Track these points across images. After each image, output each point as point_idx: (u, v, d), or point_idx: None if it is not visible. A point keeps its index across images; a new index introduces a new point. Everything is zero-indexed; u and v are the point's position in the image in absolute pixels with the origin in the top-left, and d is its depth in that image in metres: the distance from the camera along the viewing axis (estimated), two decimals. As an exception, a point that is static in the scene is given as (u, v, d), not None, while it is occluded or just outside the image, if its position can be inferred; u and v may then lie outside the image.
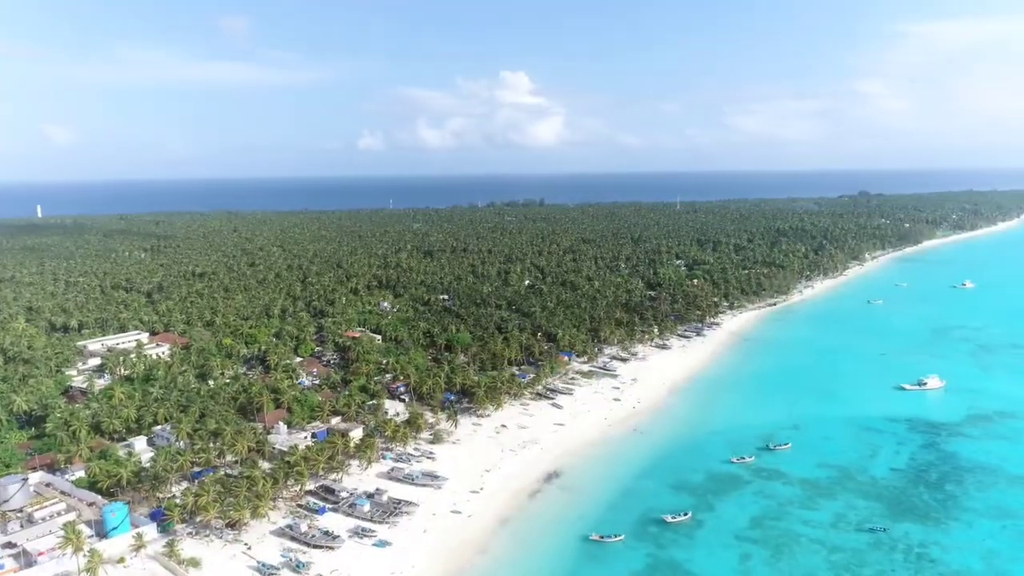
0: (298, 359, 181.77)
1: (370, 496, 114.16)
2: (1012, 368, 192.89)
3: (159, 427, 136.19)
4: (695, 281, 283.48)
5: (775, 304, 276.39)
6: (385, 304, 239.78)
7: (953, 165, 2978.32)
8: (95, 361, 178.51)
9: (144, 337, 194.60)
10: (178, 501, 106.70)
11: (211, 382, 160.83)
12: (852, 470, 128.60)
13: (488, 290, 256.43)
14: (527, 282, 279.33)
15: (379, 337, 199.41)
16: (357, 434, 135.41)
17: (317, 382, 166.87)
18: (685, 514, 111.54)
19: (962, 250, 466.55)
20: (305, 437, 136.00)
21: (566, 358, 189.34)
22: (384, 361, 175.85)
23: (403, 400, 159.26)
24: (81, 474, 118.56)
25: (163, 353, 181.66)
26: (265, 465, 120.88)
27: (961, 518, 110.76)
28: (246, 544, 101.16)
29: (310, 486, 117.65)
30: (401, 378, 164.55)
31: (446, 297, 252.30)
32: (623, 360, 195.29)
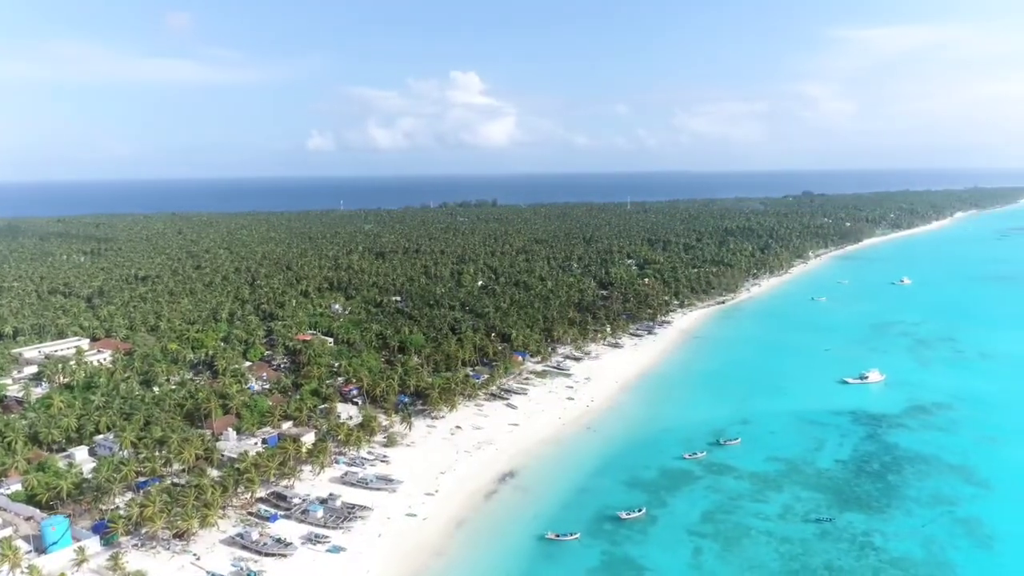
0: (247, 363, 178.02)
1: (323, 501, 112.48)
2: (947, 361, 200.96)
3: (101, 436, 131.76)
4: (646, 280, 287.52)
5: (724, 302, 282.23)
6: (336, 306, 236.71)
7: (891, 166, 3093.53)
8: (32, 369, 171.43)
9: (84, 343, 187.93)
10: (122, 513, 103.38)
11: (156, 389, 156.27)
12: (799, 463, 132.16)
13: (441, 291, 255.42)
14: (480, 283, 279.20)
15: (331, 340, 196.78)
16: (309, 439, 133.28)
17: (267, 387, 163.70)
18: (639, 510, 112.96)
19: (900, 248, 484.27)
20: (255, 443, 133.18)
21: (520, 358, 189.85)
22: (336, 364, 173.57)
23: (356, 403, 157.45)
24: (18, 487, 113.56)
25: (105, 360, 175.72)
26: (214, 473, 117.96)
27: (901, 506, 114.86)
28: (195, 555, 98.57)
29: (261, 493, 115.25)
30: (354, 381, 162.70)
31: (399, 299, 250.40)
32: (576, 359, 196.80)
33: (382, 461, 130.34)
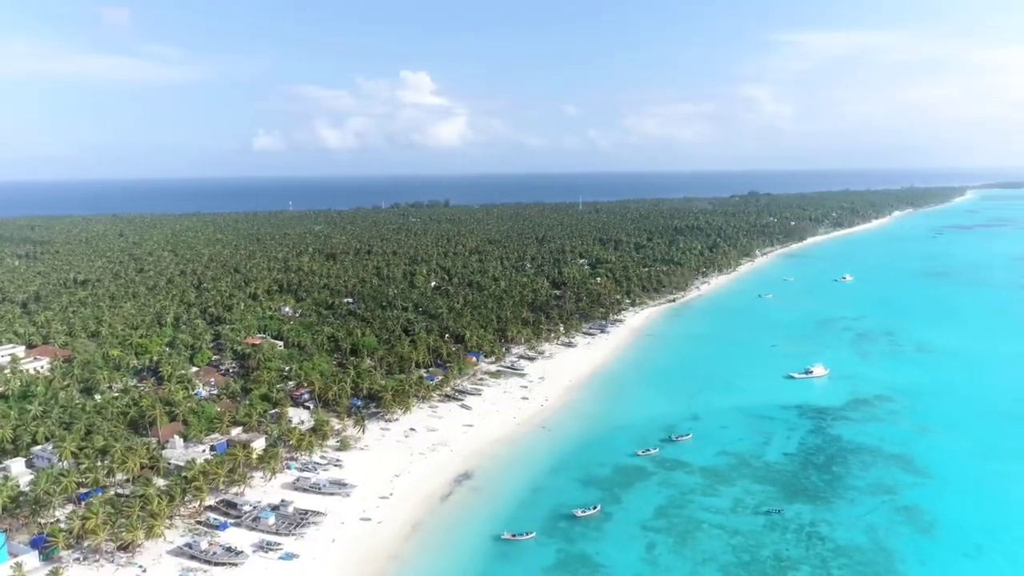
0: (194, 369, 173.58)
1: (275, 508, 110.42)
2: (887, 355, 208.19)
3: (39, 447, 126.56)
4: (598, 279, 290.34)
5: (674, 300, 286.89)
6: (287, 309, 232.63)
7: (831, 167, 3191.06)
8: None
9: (19, 351, 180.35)
10: (63, 526, 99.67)
11: (98, 397, 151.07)
12: (748, 456, 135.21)
13: (394, 292, 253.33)
14: (433, 283, 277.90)
15: (281, 343, 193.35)
16: (259, 444, 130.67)
17: (215, 392, 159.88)
18: (594, 508, 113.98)
19: (842, 246, 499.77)
20: (203, 450, 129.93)
21: (474, 359, 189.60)
22: (286, 368, 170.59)
23: (307, 407, 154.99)
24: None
25: (42, 367, 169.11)
26: (160, 482, 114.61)
27: (846, 496, 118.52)
28: (141, 567, 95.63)
29: (210, 501, 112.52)
30: (305, 385, 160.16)
31: (350, 300, 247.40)
32: (530, 359, 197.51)
33: (335, 465, 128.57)
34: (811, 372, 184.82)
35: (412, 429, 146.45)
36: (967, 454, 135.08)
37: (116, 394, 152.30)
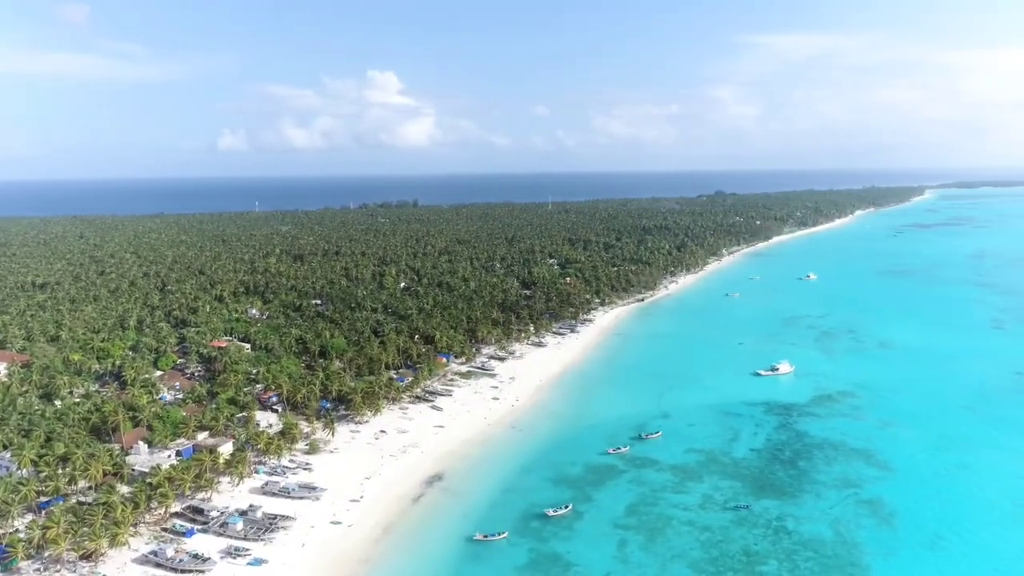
0: (158, 373, 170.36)
1: (243, 513, 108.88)
2: (850, 352, 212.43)
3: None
4: (568, 279, 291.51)
5: (643, 299, 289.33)
6: (253, 311, 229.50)
7: (795, 167, 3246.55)
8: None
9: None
10: (22, 535, 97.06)
11: (58, 402, 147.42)
12: (717, 453, 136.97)
13: (363, 293, 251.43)
14: (403, 284, 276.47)
15: (248, 346, 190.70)
16: (227, 449, 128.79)
17: (181, 396, 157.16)
18: (566, 507, 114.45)
19: (806, 245, 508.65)
20: (169, 456, 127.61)
21: (444, 360, 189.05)
22: (254, 371, 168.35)
23: (276, 411, 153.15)
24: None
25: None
26: (124, 489, 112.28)
27: (812, 490, 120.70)
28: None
29: (176, 508, 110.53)
30: (273, 388, 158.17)
31: (319, 302, 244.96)
32: (501, 359, 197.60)
33: (304, 469, 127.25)
34: (777, 369, 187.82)
35: (382, 431, 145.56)
36: (927, 447, 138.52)
37: (77, 400, 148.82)
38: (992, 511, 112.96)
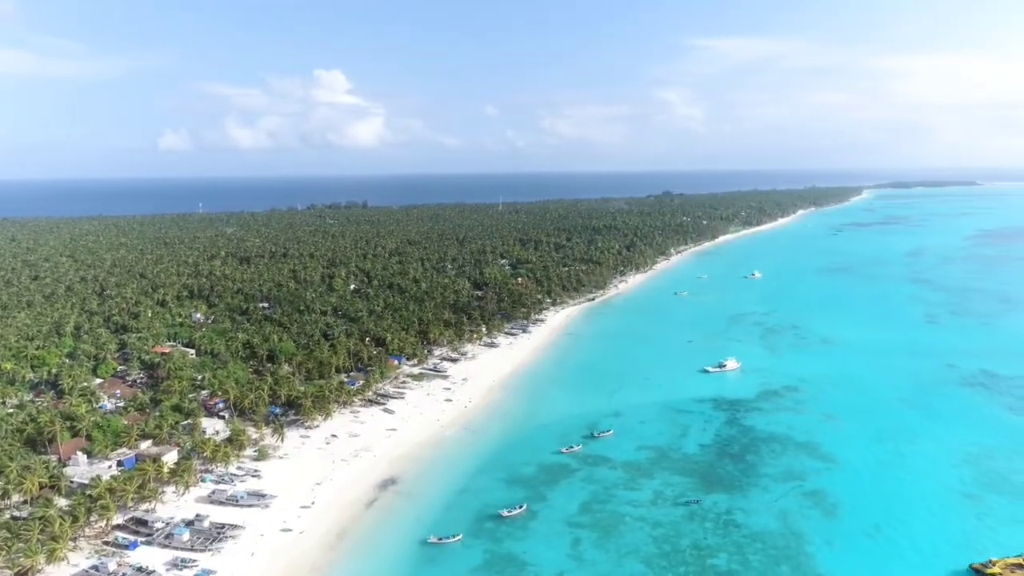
0: (98, 380, 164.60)
1: (189, 523, 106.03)
2: (793, 348, 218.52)
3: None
4: (519, 279, 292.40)
5: (594, 299, 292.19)
6: (198, 315, 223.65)
7: (740, 167, 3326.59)
8: None
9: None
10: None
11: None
12: (667, 450, 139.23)
13: (312, 296, 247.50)
14: (353, 286, 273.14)
15: (192, 351, 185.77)
16: (172, 457, 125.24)
17: (122, 404, 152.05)
18: (520, 507, 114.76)
19: (751, 244, 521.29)
20: (110, 466, 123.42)
21: (396, 362, 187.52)
22: (199, 377, 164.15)
23: (223, 417, 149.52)
24: None
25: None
26: (62, 502, 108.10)
27: (759, 484, 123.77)
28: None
29: (118, 520, 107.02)
30: (219, 394, 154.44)
31: (266, 305, 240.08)
32: (453, 360, 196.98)
33: (253, 476, 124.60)
34: (724, 366, 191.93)
35: (333, 435, 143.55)
36: (867, 439, 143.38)
37: (11, 410, 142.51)
38: (927, 499, 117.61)
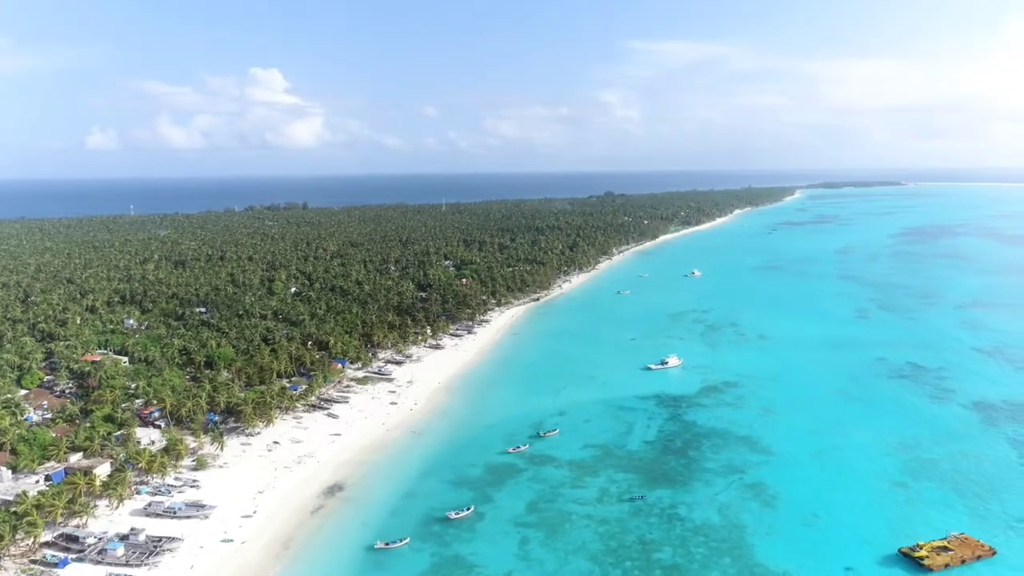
0: (22, 392, 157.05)
1: (123, 538, 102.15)
2: (732, 344, 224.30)
3: None
4: (464, 280, 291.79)
5: (538, 299, 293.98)
6: (131, 321, 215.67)
7: (678, 168, 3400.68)
8: None
9: None
10: None
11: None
12: (612, 447, 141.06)
13: (251, 300, 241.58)
14: (293, 289, 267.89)
15: (125, 359, 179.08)
16: (104, 470, 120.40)
17: (49, 416, 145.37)
18: (467, 509, 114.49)
19: (690, 243, 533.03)
20: (37, 481, 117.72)
21: (340, 366, 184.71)
22: (133, 385, 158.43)
23: (158, 426, 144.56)
24: None
25: None
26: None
27: (701, 478, 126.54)
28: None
29: (47, 537, 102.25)
30: (154, 402, 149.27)
31: (203, 310, 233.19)
32: (398, 363, 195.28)
33: (192, 486, 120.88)
34: (666, 363, 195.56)
35: (276, 442, 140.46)
36: (803, 432, 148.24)
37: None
38: (859, 487, 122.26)
